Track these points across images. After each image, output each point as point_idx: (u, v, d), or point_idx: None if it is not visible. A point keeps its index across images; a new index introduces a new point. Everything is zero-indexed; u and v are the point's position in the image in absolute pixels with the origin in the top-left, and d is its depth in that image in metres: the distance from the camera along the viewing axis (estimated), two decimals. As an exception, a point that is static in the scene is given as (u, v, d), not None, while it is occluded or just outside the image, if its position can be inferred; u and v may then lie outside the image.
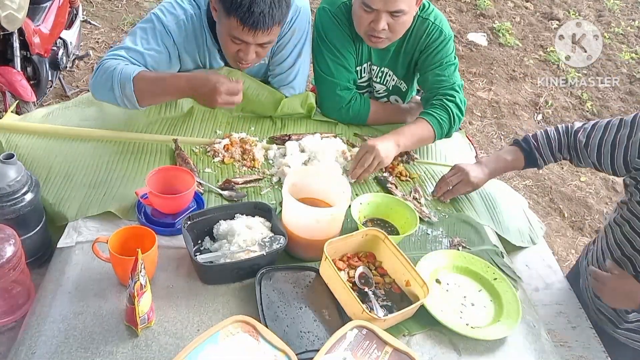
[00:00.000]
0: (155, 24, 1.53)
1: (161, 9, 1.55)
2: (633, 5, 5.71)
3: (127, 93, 1.45)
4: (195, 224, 1.26)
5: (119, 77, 1.44)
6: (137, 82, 1.44)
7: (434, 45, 1.72)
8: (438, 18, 1.72)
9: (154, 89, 1.47)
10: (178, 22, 1.54)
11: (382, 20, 1.57)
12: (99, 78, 1.48)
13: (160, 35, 1.53)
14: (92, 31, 3.89)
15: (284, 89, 1.78)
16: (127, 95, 1.45)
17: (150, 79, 1.46)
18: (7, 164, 1.17)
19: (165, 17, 1.53)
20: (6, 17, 2.37)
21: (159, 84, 1.47)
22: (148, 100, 1.50)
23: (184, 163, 1.48)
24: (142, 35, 1.53)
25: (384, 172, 1.66)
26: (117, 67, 1.45)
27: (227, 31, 1.46)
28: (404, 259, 1.22)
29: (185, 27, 1.55)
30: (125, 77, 1.43)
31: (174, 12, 1.54)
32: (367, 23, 1.60)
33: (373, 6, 1.55)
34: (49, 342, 1.02)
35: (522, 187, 3.41)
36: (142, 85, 1.44)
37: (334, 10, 1.70)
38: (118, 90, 1.45)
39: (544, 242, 1.69)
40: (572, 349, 1.42)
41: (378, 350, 1.03)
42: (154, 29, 1.53)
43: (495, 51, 4.67)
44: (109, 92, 1.47)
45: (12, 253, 1.08)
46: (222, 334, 1.00)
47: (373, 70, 1.83)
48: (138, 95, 1.45)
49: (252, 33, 1.43)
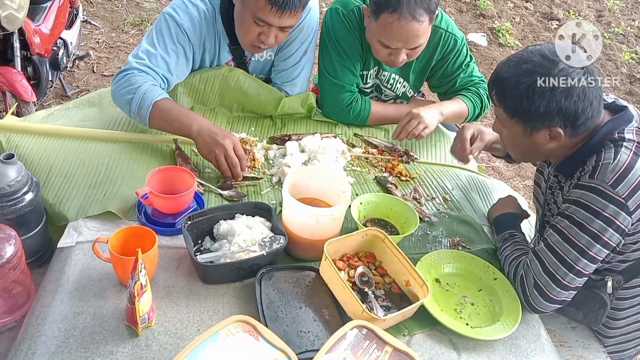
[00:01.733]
0: (169, 23, 1.54)
1: (174, 7, 1.56)
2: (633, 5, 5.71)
3: (142, 114, 1.48)
4: (196, 224, 1.26)
5: (140, 98, 1.46)
6: (155, 109, 1.46)
7: (452, 55, 1.76)
8: (449, 25, 1.73)
9: (166, 123, 1.49)
10: (192, 19, 1.55)
11: (402, 54, 1.60)
12: (121, 88, 1.50)
13: (175, 35, 1.54)
14: (92, 31, 3.89)
15: (286, 85, 1.78)
16: (141, 116, 1.48)
17: (166, 111, 1.48)
18: (7, 164, 1.17)
19: (178, 15, 1.54)
20: (6, 17, 2.37)
21: (173, 123, 1.48)
22: (157, 127, 1.52)
23: (184, 163, 1.48)
24: (158, 37, 1.54)
25: (384, 172, 1.66)
26: (142, 87, 1.47)
27: (251, 13, 1.46)
28: (403, 259, 1.22)
29: (200, 24, 1.57)
30: (146, 100, 1.46)
31: (187, 10, 1.55)
32: (385, 55, 1.63)
33: (392, 46, 1.57)
34: (49, 342, 1.02)
35: (522, 187, 3.41)
36: (158, 114, 1.47)
37: (346, 12, 1.69)
38: (135, 107, 1.48)
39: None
40: (572, 349, 1.42)
41: (378, 350, 1.03)
42: (169, 29, 1.54)
43: (495, 51, 4.67)
44: (126, 105, 1.50)
45: (12, 253, 1.08)
46: (222, 334, 1.00)
47: (383, 76, 1.83)
48: (151, 120, 1.48)
49: (279, 14, 1.44)
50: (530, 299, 1.23)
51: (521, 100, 1.18)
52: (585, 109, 1.16)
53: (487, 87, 1.76)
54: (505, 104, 1.22)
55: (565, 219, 1.20)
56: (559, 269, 1.19)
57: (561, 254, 1.19)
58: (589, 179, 1.17)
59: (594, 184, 1.16)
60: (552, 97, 1.15)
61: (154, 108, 1.46)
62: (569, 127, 1.18)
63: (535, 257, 1.24)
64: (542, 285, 1.21)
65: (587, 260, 1.18)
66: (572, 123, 1.17)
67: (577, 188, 1.19)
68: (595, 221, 1.15)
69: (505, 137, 1.31)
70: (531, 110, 1.17)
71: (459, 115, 1.79)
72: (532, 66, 1.17)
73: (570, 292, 1.21)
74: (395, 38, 1.54)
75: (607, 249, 1.18)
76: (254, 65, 1.77)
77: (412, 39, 1.54)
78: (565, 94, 1.14)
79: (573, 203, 1.19)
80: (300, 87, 1.81)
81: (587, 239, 1.17)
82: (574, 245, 1.18)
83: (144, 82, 1.48)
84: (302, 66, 1.76)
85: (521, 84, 1.17)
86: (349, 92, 1.77)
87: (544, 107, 1.15)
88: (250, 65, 1.76)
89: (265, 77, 1.83)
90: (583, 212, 1.17)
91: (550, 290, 1.20)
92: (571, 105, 1.15)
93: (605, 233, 1.16)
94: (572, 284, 1.20)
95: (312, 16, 1.70)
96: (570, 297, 1.22)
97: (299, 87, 1.80)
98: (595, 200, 1.15)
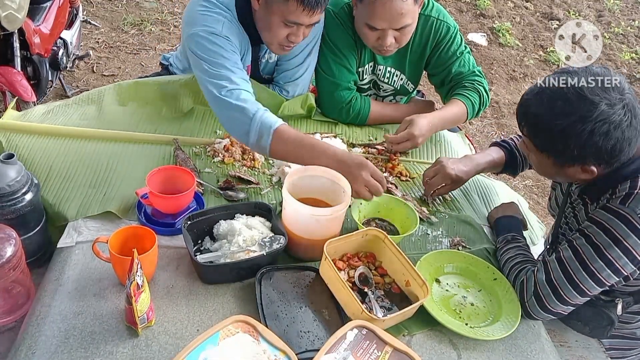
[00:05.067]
0: (215, 40, 1.46)
1: (201, 24, 1.47)
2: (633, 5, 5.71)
3: (262, 145, 1.39)
4: (195, 224, 1.26)
5: (258, 127, 1.38)
6: (276, 138, 1.37)
7: (444, 42, 1.75)
8: (441, 13, 1.74)
9: (292, 153, 1.40)
10: (225, 24, 1.49)
11: (389, 37, 1.59)
12: (232, 117, 1.41)
13: (229, 46, 1.48)
14: (92, 31, 3.88)
15: (289, 85, 1.78)
16: (261, 146, 1.40)
17: (290, 141, 1.38)
18: (7, 164, 1.17)
19: (212, 27, 1.47)
20: (6, 17, 2.37)
21: (299, 151, 1.38)
22: (279, 157, 1.46)
23: (184, 163, 1.48)
24: (213, 55, 1.45)
25: (384, 172, 1.66)
26: (257, 114, 1.38)
27: (280, 16, 1.45)
28: (403, 259, 1.22)
29: (231, 27, 1.52)
30: (265, 128, 1.37)
31: (216, 18, 1.48)
32: (373, 39, 1.62)
33: (378, 27, 1.57)
34: (49, 342, 1.02)
35: (522, 187, 3.40)
36: (280, 145, 1.38)
37: (337, 10, 1.70)
38: (254, 138, 1.39)
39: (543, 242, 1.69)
40: (572, 349, 1.42)
41: (378, 350, 1.03)
42: (219, 45, 1.46)
43: (495, 51, 4.67)
44: (244, 135, 1.41)
45: (12, 253, 1.08)
46: (222, 334, 1.00)
47: (379, 71, 1.83)
48: (272, 150, 1.40)
49: (310, 13, 1.44)
50: (527, 305, 1.22)
51: (554, 140, 1.11)
52: (623, 149, 1.10)
53: (486, 84, 1.78)
54: (536, 140, 1.16)
55: (583, 237, 1.17)
56: (563, 285, 1.17)
57: (570, 271, 1.17)
58: (619, 204, 1.13)
59: (623, 211, 1.12)
60: (588, 141, 1.07)
61: (275, 138, 1.37)
62: (603, 164, 1.14)
63: (542, 266, 1.22)
64: (542, 294, 1.20)
65: (594, 283, 1.16)
66: (607, 161, 1.12)
67: (604, 210, 1.15)
68: (613, 248, 1.12)
69: (533, 161, 1.26)
70: (565, 151, 1.12)
71: (457, 120, 1.76)
72: (568, 106, 1.08)
73: (568, 307, 1.20)
74: (380, 17, 1.54)
75: (617, 276, 1.15)
76: (264, 65, 1.77)
77: (396, 18, 1.54)
78: (603, 137, 1.07)
79: (595, 224, 1.16)
80: (302, 87, 1.81)
81: (600, 264, 1.14)
82: (585, 266, 1.15)
83: (256, 110, 1.39)
84: (306, 67, 1.76)
85: (555, 125, 1.09)
86: (347, 90, 1.77)
87: (579, 149, 1.10)
88: (260, 65, 1.76)
89: (271, 77, 1.83)
90: (603, 235, 1.13)
91: (549, 302, 1.19)
92: (608, 147, 1.08)
93: (620, 261, 1.13)
94: (572, 301, 1.19)
95: None
96: (567, 311, 1.21)
97: (301, 87, 1.80)
98: (619, 227, 1.12)
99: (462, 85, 1.78)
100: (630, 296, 1.32)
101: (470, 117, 1.78)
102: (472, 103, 1.75)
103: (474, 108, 1.77)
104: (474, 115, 1.80)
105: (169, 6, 4.35)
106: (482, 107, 1.80)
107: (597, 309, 1.31)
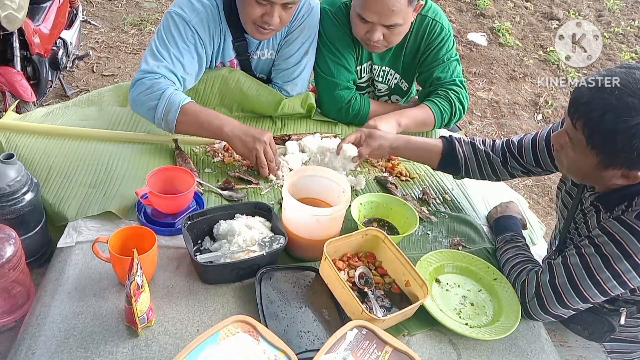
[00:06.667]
0: (177, 22, 1.54)
1: (179, 5, 1.55)
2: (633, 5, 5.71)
3: (169, 119, 1.47)
4: (195, 224, 1.26)
5: (166, 102, 1.46)
6: (182, 113, 1.46)
7: (436, 42, 1.74)
8: (437, 14, 1.74)
9: (196, 126, 1.48)
10: (199, 15, 1.55)
11: (377, 32, 1.59)
12: (142, 95, 1.49)
13: (185, 34, 1.54)
14: (92, 31, 3.89)
15: (287, 85, 1.78)
16: (168, 121, 1.47)
17: (194, 114, 1.47)
18: (7, 164, 1.17)
19: (185, 13, 1.54)
20: (6, 17, 2.37)
21: (203, 125, 1.48)
22: (184, 131, 1.52)
23: (184, 163, 1.48)
24: (168, 37, 1.54)
25: (384, 172, 1.66)
26: (167, 92, 1.47)
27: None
28: (403, 259, 1.22)
29: (207, 19, 1.56)
30: (172, 105, 1.46)
31: (193, 7, 1.55)
32: (363, 32, 1.63)
33: (368, 19, 1.57)
34: (49, 342, 1.02)
35: (522, 187, 3.41)
36: (186, 118, 1.47)
37: (334, 10, 1.71)
38: (160, 113, 1.47)
39: (543, 243, 1.69)
40: (572, 349, 1.42)
41: (378, 350, 1.03)
42: (177, 28, 1.53)
43: (495, 51, 4.67)
44: (149, 111, 1.49)
45: (12, 253, 1.08)
46: (222, 334, 0.99)
47: (374, 70, 1.83)
48: (178, 124, 1.48)
49: None
50: (528, 306, 1.22)
51: (614, 138, 1.02)
52: None
53: (465, 95, 1.75)
54: (590, 135, 1.06)
55: (593, 246, 1.15)
56: (567, 290, 1.17)
57: (575, 278, 1.16)
58: (634, 218, 1.11)
59: (637, 226, 1.10)
60: None
61: (181, 112, 1.46)
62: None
63: (547, 268, 1.21)
64: (544, 296, 1.19)
65: (598, 292, 1.15)
66: None
67: (618, 222, 1.13)
68: (622, 261, 1.11)
69: (566, 155, 1.17)
70: (623, 151, 1.03)
71: (423, 123, 1.74)
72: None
73: (569, 311, 1.20)
74: (371, 9, 1.55)
75: (623, 288, 1.14)
76: (256, 62, 1.77)
77: (387, 14, 1.54)
78: None
79: (606, 234, 1.14)
80: (301, 87, 1.81)
81: (607, 275, 1.13)
82: (591, 275, 1.14)
83: (167, 87, 1.47)
84: (304, 66, 1.76)
85: (621, 122, 1.00)
86: (346, 89, 1.77)
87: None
88: (252, 62, 1.76)
89: (267, 77, 1.83)
90: (613, 247, 1.12)
91: (550, 304, 1.19)
92: None
93: (628, 274, 1.12)
94: (574, 306, 1.18)
95: (314, 17, 1.71)
96: (568, 314, 1.21)
97: (300, 87, 1.80)
98: (630, 242, 1.10)
99: (436, 92, 1.76)
100: (635, 305, 1.31)
101: (438, 125, 1.75)
102: (440, 111, 1.73)
103: (443, 117, 1.74)
104: (444, 125, 1.77)
105: (168, 6, 4.35)
106: (454, 118, 1.77)
107: (598, 315, 1.31)
